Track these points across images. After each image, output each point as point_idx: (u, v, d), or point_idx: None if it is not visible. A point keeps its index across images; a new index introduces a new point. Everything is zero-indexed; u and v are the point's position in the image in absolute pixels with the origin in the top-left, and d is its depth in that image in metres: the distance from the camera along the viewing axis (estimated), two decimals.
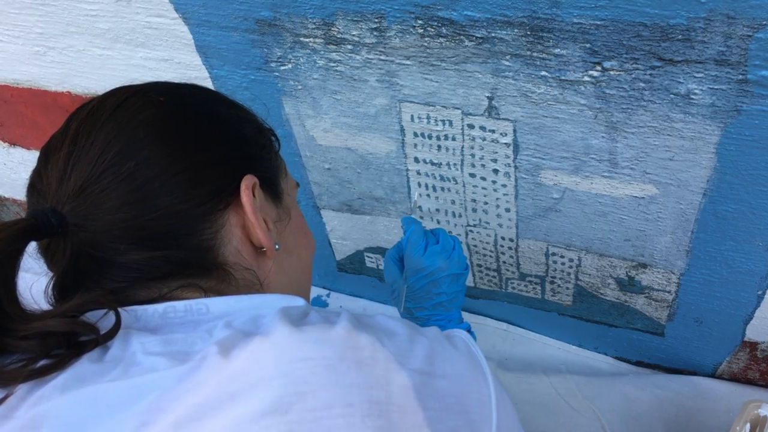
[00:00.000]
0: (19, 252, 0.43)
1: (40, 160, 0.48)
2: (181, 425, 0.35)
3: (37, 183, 0.47)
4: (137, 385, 0.38)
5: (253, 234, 0.50)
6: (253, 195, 0.50)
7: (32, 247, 0.46)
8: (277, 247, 0.52)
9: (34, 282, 0.46)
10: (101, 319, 0.44)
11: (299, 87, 0.81)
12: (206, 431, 0.35)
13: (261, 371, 0.37)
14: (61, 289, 0.46)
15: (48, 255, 0.47)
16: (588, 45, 0.61)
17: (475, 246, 0.94)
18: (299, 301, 0.48)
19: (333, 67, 0.76)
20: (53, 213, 0.44)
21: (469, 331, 0.74)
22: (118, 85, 0.51)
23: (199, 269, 0.48)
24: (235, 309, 0.45)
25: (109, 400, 0.38)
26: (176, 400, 0.37)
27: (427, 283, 0.75)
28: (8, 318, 0.41)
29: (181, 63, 0.86)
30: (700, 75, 0.60)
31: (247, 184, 0.49)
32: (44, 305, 0.45)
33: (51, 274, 0.47)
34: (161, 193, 0.45)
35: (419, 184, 0.87)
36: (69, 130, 0.47)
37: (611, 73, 0.63)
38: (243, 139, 0.53)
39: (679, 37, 0.57)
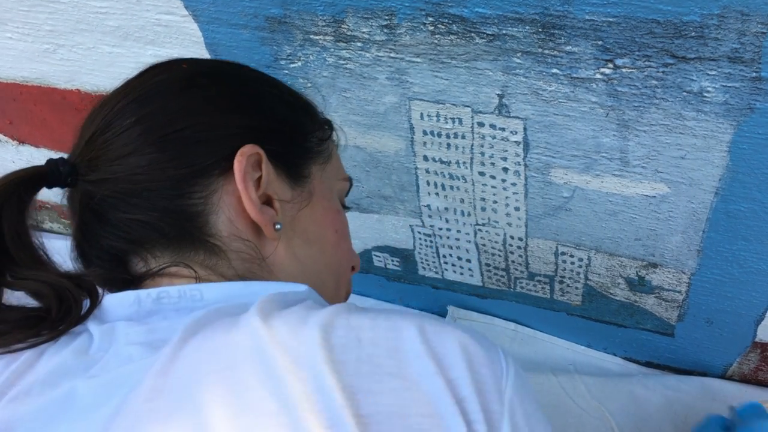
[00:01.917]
0: (27, 195, 0.45)
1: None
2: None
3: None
4: (110, 382, 0.38)
5: (244, 204, 0.47)
6: (259, 168, 0.48)
7: None
8: (278, 227, 0.49)
9: None
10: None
11: (308, 85, 0.81)
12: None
13: (201, 375, 0.36)
14: (76, 243, 0.48)
15: (68, 206, 0.49)
16: (600, 42, 0.61)
17: (484, 245, 0.94)
18: (299, 288, 0.47)
19: (343, 64, 0.76)
20: (64, 162, 0.46)
21: None
22: None
23: (185, 239, 0.46)
24: (229, 296, 0.44)
25: (83, 400, 0.38)
26: (136, 400, 0.36)
27: None
28: (13, 262, 0.43)
29: None
30: (713, 72, 0.59)
31: (244, 151, 0.47)
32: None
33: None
34: (152, 149, 0.45)
35: (428, 183, 0.87)
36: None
37: (623, 70, 0.63)
38: (266, 113, 0.51)
39: (693, 34, 0.57)
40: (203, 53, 0.83)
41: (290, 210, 0.51)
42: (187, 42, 0.83)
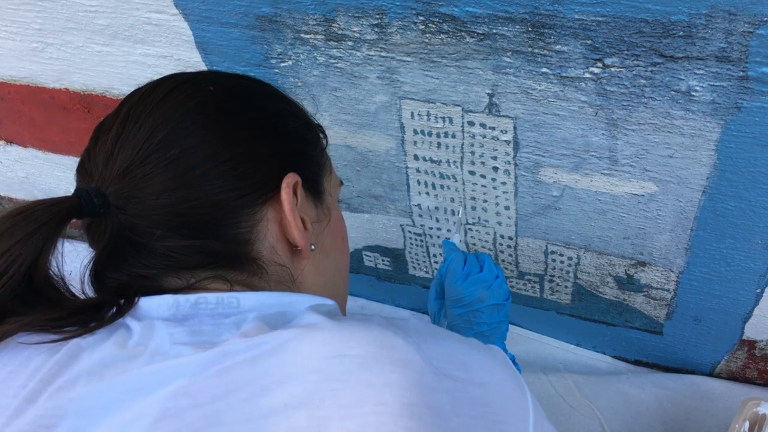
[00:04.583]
0: (59, 229, 0.44)
1: (91, 139, 0.49)
2: (208, 415, 0.36)
3: (85, 161, 0.48)
4: (161, 371, 0.39)
5: (290, 233, 0.50)
6: (294, 194, 0.50)
7: None
8: (312, 248, 0.52)
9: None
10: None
11: (299, 84, 0.81)
12: (233, 421, 0.35)
13: (294, 366, 0.37)
14: (96, 269, 0.47)
15: (90, 233, 0.48)
16: (589, 41, 0.62)
17: (474, 245, 0.94)
18: (328, 302, 0.49)
19: (333, 63, 0.76)
20: (96, 193, 0.45)
21: (513, 362, 0.72)
22: (116, 82, 0.52)
23: (230, 262, 0.48)
24: (265, 304, 0.46)
25: (132, 385, 0.39)
26: (202, 389, 0.37)
27: (466, 312, 0.74)
28: (34, 290, 0.43)
29: (180, 59, 0.86)
30: (701, 72, 0.60)
31: (288, 182, 0.49)
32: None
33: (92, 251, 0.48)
34: (202, 181, 0.46)
35: (418, 182, 0.87)
36: (120, 112, 0.48)
37: (612, 69, 0.63)
38: (289, 134, 0.52)
39: (681, 33, 0.58)
40: (193, 52, 0.83)
41: (317, 228, 0.54)
42: (177, 41, 0.83)
